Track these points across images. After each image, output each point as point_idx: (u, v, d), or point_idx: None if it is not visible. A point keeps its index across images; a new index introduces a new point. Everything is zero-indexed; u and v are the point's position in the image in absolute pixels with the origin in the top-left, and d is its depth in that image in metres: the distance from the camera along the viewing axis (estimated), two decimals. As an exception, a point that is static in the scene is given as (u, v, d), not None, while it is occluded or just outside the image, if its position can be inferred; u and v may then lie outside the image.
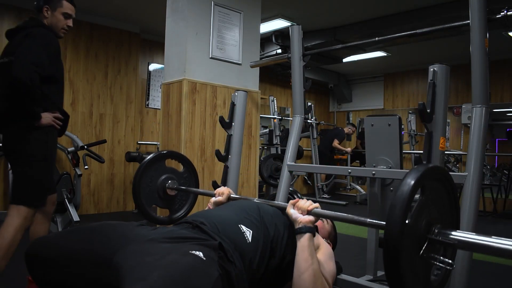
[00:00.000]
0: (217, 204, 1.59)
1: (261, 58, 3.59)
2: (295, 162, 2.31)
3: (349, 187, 7.19)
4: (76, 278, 1.14)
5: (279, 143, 6.03)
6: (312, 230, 1.22)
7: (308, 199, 1.27)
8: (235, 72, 3.13)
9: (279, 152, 5.86)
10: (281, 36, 5.43)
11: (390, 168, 1.90)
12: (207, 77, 2.90)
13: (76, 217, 3.38)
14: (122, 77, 5.28)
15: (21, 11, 4.50)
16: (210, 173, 2.89)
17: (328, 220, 1.68)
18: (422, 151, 1.37)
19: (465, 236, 0.85)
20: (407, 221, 0.80)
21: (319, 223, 1.59)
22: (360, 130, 8.11)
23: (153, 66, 5.80)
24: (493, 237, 0.80)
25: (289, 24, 4.97)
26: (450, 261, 0.89)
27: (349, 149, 7.10)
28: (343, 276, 1.70)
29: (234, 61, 3.12)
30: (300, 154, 6.17)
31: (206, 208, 1.64)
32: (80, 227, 1.26)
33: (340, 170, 4.22)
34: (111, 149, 5.15)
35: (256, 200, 1.47)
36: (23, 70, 1.84)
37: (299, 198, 1.31)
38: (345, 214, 1.13)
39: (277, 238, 1.26)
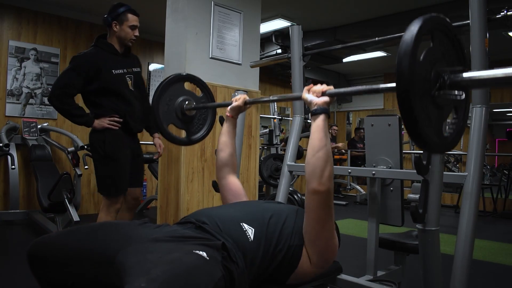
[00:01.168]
0: (234, 109, 1.62)
1: (261, 58, 3.59)
2: (295, 162, 2.31)
3: (349, 187, 7.20)
4: (78, 278, 1.14)
5: (279, 143, 6.03)
6: (327, 111, 1.26)
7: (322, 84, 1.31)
8: (235, 72, 3.12)
9: (279, 152, 5.86)
10: (281, 36, 5.43)
11: (390, 168, 1.90)
12: (207, 77, 2.89)
13: (76, 217, 3.37)
14: (122, 77, 5.27)
15: (21, 11, 4.51)
16: (210, 173, 2.89)
17: (333, 216, 1.67)
18: (422, 151, 1.37)
19: (474, 74, 0.86)
20: (416, 72, 0.80)
21: None
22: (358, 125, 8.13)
23: (153, 66, 5.80)
24: (501, 68, 0.81)
25: (289, 24, 4.97)
26: (461, 91, 0.89)
27: (340, 144, 7.11)
28: (343, 276, 1.70)
29: (234, 61, 3.12)
30: (300, 154, 6.16)
31: (224, 122, 1.66)
32: (82, 226, 1.26)
33: (340, 170, 4.22)
34: (111, 149, 5.15)
35: (273, 97, 1.53)
36: (51, 95, 2.29)
37: (299, 197, 1.31)
38: (358, 87, 1.17)
39: (281, 235, 1.26)
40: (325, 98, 1.27)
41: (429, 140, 0.85)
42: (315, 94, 1.28)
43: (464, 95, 0.93)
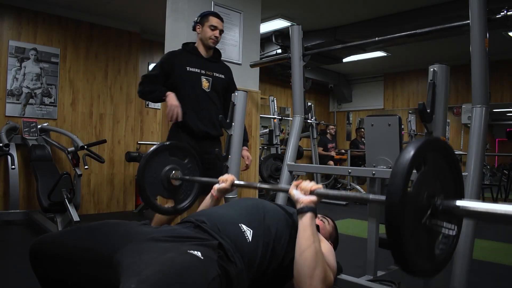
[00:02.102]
0: (221, 191, 1.58)
1: (261, 58, 3.59)
2: (295, 162, 2.31)
3: (349, 187, 7.19)
4: (78, 276, 1.14)
5: (279, 143, 6.04)
6: (314, 209, 1.22)
7: (311, 181, 1.27)
8: (235, 72, 3.11)
9: (279, 152, 5.86)
10: (281, 36, 5.43)
11: (390, 168, 1.91)
12: (207, 77, 2.90)
13: (76, 217, 3.37)
14: (122, 77, 5.28)
15: (21, 11, 4.51)
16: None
17: (330, 221, 1.68)
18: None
19: (469, 204, 0.82)
20: (408, 189, 0.78)
21: (320, 223, 1.59)
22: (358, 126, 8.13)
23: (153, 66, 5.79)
24: (498, 203, 0.78)
25: (289, 24, 4.97)
26: (453, 225, 0.86)
27: (332, 153, 7.12)
28: (343, 276, 1.70)
29: (234, 61, 3.12)
30: (300, 154, 6.17)
31: (207, 198, 1.63)
32: (82, 226, 1.26)
33: (340, 170, 4.23)
34: (111, 149, 5.15)
35: (258, 185, 1.45)
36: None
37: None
38: (347, 193, 1.15)
39: (280, 237, 1.26)
40: (312, 197, 1.22)
41: (419, 268, 0.81)
42: (302, 192, 1.24)
43: (455, 229, 0.88)
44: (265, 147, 6.11)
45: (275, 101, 6.54)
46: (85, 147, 3.89)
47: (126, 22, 5.25)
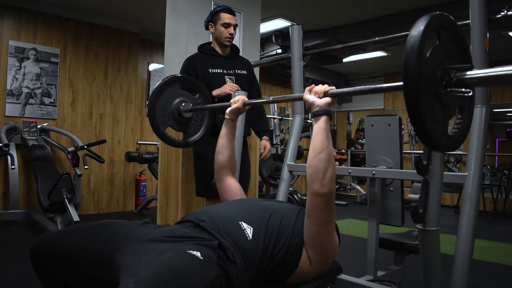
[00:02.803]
0: (234, 112, 1.58)
1: (261, 58, 3.59)
2: (295, 162, 2.31)
3: (349, 187, 7.19)
4: (78, 275, 1.14)
5: (279, 143, 6.04)
6: (329, 112, 1.23)
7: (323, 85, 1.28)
8: (235, 72, 3.12)
9: (279, 152, 5.86)
10: (281, 36, 5.43)
11: (390, 168, 1.90)
12: (207, 77, 2.90)
13: (76, 217, 3.38)
14: (122, 77, 5.28)
15: (21, 11, 4.51)
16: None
17: (334, 218, 1.67)
18: (422, 151, 1.37)
19: (479, 72, 0.87)
20: (422, 72, 0.80)
21: None
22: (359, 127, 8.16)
23: (153, 66, 5.80)
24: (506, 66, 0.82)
25: (289, 24, 4.97)
26: (468, 90, 0.89)
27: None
28: (343, 276, 1.70)
29: (234, 61, 3.11)
30: (300, 154, 6.17)
31: (224, 122, 1.62)
32: (83, 225, 1.26)
33: (340, 170, 4.22)
34: (111, 149, 5.15)
35: (271, 99, 1.50)
36: None
37: (299, 197, 1.30)
38: (361, 87, 1.15)
39: (280, 236, 1.26)
40: (327, 99, 1.24)
41: (435, 139, 0.85)
42: (316, 95, 1.26)
43: (471, 92, 0.93)
44: (265, 147, 6.11)
45: (275, 101, 6.54)
46: (85, 147, 3.89)
47: (126, 22, 5.25)
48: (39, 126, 4.46)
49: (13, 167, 4.13)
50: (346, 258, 2.78)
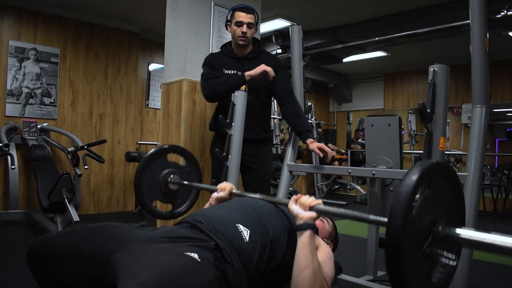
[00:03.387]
0: (219, 200, 1.56)
1: (261, 58, 3.58)
2: (295, 162, 2.31)
3: (349, 187, 7.19)
4: (76, 277, 1.14)
5: (279, 143, 6.03)
6: (314, 226, 1.20)
7: (310, 196, 1.25)
8: (235, 72, 3.12)
9: (279, 152, 5.86)
10: (281, 36, 5.43)
11: (390, 168, 1.90)
12: (207, 77, 2.90)
13: (76, 217, 3.37)
14: (122, 77, 5.28)
15: (21, 11, 4.51)
16: (210, 173, 2.88)
17: (329, 220, 1.67)
18: (422, 151, 1.37)
19: (471, 234, 0.82)
20: (411, 215, 0.77)
21: (319, 223, 1.58)
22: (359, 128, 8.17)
23: (153, 66, 5.80)
24: (499, 234, 0.77)
25: (289, 24, 4.97)
26: (453, 255, 0.86)
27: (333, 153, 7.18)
28: (343, 276, 1.70)
29: (234, 61, 3.11)
30: (300, 154, 6.17)
31: (207, 204, 1.62)
32: (80, 227, 1.26)
33: (340, 170, 4.23)
34: (111, 149, 5.15)
35: (258, 196, 1.43)
36: (203, 93, 2.34)
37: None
38: (348, 211, 1.11)
39: (277, 238, 1.26)
40: (312, 214, 1.20)
41: (411, 285, 0.80)
42: (302, 207, 1.21)
43: (456, 261, 0.88)
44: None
45: (275, 101, 6.53)
46: (85, 147, 3.89)
47: (126, 22, 5.25)
48: (39, 126, 4.46)
49: (13, 167, 4.13)
50: (346, 258, 2.78)
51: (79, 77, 4.92)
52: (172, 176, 1.75)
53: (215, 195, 1.58)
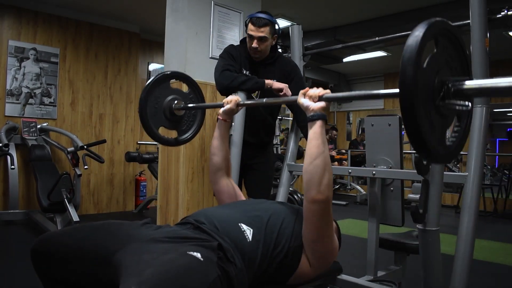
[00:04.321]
0: (227, 112, 1.56)
1: (261, 58, 3.58)
2: (295, 162, 2.31)
3: (349, 187, 7.19)
4: (80, 275, 1.14)
5: (279, 143, 6.04)
6: (324, 117, 1.22)
7: (318, 88, 1.26)
8: (235, 72, 3.12)
9: (279, 152, 5.86)
10: (281, 36, 5.42)
11: (390, 168, 1.90)
12: (207, 77, 2.89)
13: (76, 217, 3.37)
14: (122, 77, 5.28)
15: (21, 11, 4.51)
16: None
17: (332, 222, 1.67)
18: (422, 151, 1.37)
19: (478, 82, 0.85)
20: (419, 81, 0.79)
21: None
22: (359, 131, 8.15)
23: (153, 66, 5.79)
24: (504, 77, 0.80)
25: (289, 24, 4.97)
26: (466, 102, 0.88)
27: (333, 153, 7.13)
28: (343, 276, 1.69)
29: (234, 61, 3.11)
30: (300, 154, 6.17)
31: (216, 132, 1.60)
32: (84, 225, 1.26)
33: (340, 170, 4.23)
34: (110, 149, 5.15)
35: (264, 101, 1.46)
36: (216, 85, 2.14)
37: (299, 197, 1.30)
38: (357, 92, 1.13)
39: (281, 236, 1.26)
40: (322, 103, 1.21)
41: (433, 149, 0.83)
42: (311, 99, 1.23)
43: (470, 105, 0.91)
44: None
45: (275, 101, 6.54)
46: (85, 147, 3.89)
47: (126, 22, 5.25)
48: (38, 126, 4.46)
49: (12, 167, 4.13)
50: (346, 258, 2.78)
51: (79, 77, 4.92)
52: (176, 101, 1.73)
53: (221, 110, 1.57)
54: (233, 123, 2.21)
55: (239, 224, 1.22)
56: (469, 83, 0.85)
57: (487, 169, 6.48)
